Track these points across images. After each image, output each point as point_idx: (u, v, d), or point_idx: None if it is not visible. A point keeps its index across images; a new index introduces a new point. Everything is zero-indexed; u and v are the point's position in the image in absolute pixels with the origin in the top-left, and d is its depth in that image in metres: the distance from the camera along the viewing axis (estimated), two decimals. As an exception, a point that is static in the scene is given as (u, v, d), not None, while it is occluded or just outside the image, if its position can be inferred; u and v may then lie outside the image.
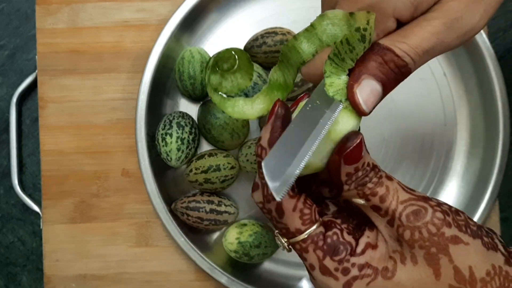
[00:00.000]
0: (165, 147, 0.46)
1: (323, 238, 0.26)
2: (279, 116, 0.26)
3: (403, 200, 0.25)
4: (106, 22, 0.51)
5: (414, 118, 0.51)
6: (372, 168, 0.26)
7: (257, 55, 0.48)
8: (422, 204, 0.25)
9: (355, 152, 0.25)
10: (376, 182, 0.25)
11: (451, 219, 0.25)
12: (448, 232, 0.24)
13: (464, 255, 0.24)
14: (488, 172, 0.48)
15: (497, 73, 0.48)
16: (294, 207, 0.26)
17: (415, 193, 0.26)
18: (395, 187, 0.26)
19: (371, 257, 0.25)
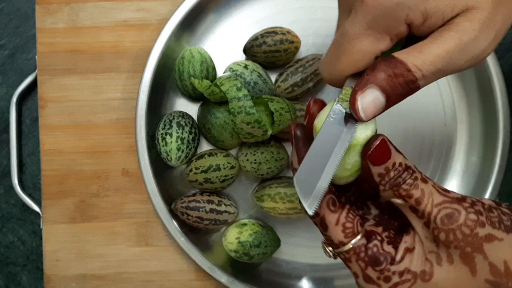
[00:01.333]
0: (165, 147, 0.46)
1: (365, 250, 0.27)
2: (299, 138, 0.28)
3: (437, 203, 0.26)
4: (106, 21, 0.51)
5: (414, 118, 0.51)
6: (405, 168, 0.27)
7: (257, 54, 0.48)
8: (456, 207, 0.25)
9: (379, 153, 0.26)
10: (411, 183, 0.26)
11: (485, 217, 0.25)
12: (482, 232, 0.25)
13: (498, 251, 0.25)
14: (488, 172, 0.48)
15: (497, 73, 0.48)
16: (337, 221, 0.27)
17: (449, 194, 0.26)
18: (429, 189, 0.26)
19: (410, 261, 0.26)
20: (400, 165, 0.27)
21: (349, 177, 0.28)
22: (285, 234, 0.50)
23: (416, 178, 0.26)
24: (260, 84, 0.47)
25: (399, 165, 0.27)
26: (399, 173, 0.26)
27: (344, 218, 0.27)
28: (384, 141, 0.27)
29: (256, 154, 0.47)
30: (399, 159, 0.27)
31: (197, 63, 0.47)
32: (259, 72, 0.47)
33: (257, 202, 0.48)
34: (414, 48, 0.26)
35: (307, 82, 0.48)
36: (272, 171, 0.48)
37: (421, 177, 0.27)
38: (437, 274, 0.26)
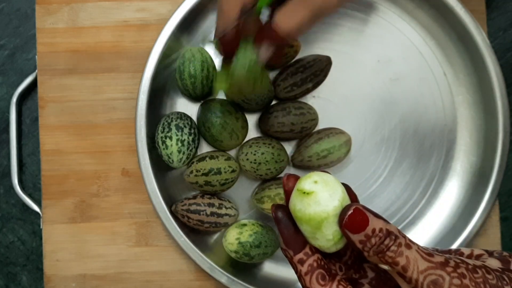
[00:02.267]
0: (166, 150, 0.46)
1: None
2: (280, 220, 0.29)
3: (422, 269, 0.26)
4: (106, 21, 0.51)
5: (414, 118, 0.51)
6: (387, 234, 0.27)
7: (257, 55, 0.48)
8: (440, 273, 0.26)
9: (355, 221, 0.26)
10: (395, 251, 0.26)
11: (468, 280, 0.26)
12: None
13: None
14: (488, 171, 0.48)
15: (497, 73, 0.48)
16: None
17: (433, 259, 0.27)
18: (414, 256, 0.26)
19: None
20: (381, 231, 0.27)
21: (337, 245, 0.28)
22: (285, 234, 0.50)
23: (400, 244, 0.26)
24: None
25: (380, 231, 0.27)
26: (381, 240, 0.26)
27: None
28: (358, 209, 0.27)
29: (256, 154, 0.47)
30: (379, 225, 0.27)
31: (197, 62, 0.47)
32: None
33: (258, 204, 0.48)
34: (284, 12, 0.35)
35: (307, 83, 0.48)
36: (272, 172, 0.48)
37: (405, 243, 0.27)
38: None
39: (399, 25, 0.51)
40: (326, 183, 0.28)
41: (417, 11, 0.51)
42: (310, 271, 0.28)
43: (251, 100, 0.47)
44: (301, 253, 0.28)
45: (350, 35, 0.51)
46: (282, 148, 0.48)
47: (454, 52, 0.50)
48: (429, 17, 0.51)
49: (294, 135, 0.49)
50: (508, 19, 0.53)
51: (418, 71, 0.51)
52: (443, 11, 0.49)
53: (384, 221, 0.27)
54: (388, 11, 0.51)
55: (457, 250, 0.31)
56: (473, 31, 0.48)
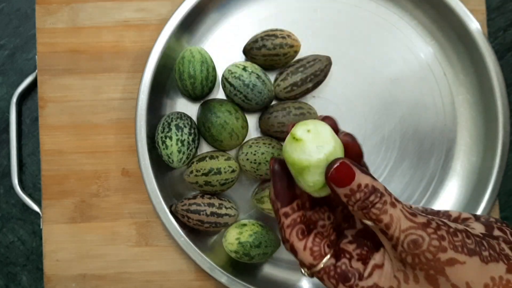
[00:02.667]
0: (166, 150, 0.46)
1: (334, 269, 0.30)
2: (275, 173, 0.30)
3: (404, 228, 0.27)
4: (106, 21, 0.51)
5: (414, 118, 0.51)
6: (373, 191, 0.27)
7: (256, 57, 0.48)
8: (420, 233, 0.27)
9: (340, 175, 0.27)
10: (380, 208, 0.27)
11: (447, 242, 0.26)
12: (444, 257, 0.26)
13: (460, 273, 0.26)
14: (488, 171, 0.48)
15: (497, 73, 0.48)
16: (304, 246, 0.30)
17: (416, 220, 0.27)
18: (397, 214, 0.27)
19: (379, 277, 0.28)
20: (367, 186, 0.27)
21: (319, 192, 0.29)
22: (285, 234, 0.50)
23: (385, 202, 0.27)
24: (259, 86, 0.47)
25: (365, 187, 0.27)
26: (366, 195, 0.27)
27: (311, 243, 0.30)
28: (344, 163, 0.28)
29: (256, 154, 0.47)
30: (365, 181, 0.27)
31: (197, 63, 0.47)
32: (258, 73, 0.47)
33: (257, 204, 0.48)
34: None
35: (307, 83, 0.48)
36: (272, 172, 0.48)
37: (390, 201, 0.27)
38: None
39: (399, 25, 0.51)
40: (318, 134, 0.28)
41: (417, 11, 0.51)
42: (291, 225, 0.30)
43: (251, 100, 0.47)
44: (288, 207, 0.30)
45: (350, 35, 0.51)
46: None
47: (454, 52, 0.51)
48: (429, 17, 0.51)
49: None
50: (508, 19, 0.53)
51: (418, 71, 0.51)
52: (443, 11, 0.49)
53: (372, 177, 0.28)
54: (388, 11, 0.51)
55: (446, 212, 0.31)
56: (473, 31, 0.48)
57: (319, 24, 0.51)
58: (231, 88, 0.47)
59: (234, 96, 0.47)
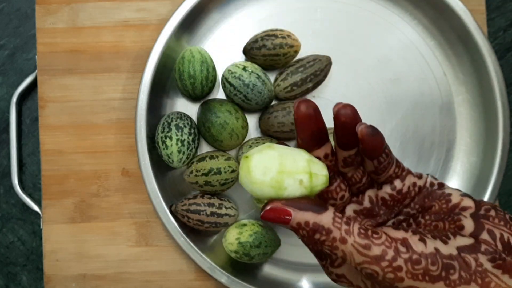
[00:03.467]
0: (166, 150, 0.46)
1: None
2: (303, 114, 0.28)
3: (358, 262, 0.26)
4: (106, 21, 0.51)
5: (414, 118, 0.51)
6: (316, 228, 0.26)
7: (256, 57, 0.48)
8: (374, 268, 0.26)
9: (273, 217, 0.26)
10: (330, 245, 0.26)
11: (404, 272, 0.26)
12: (402, 285, 0.26)
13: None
14: (488, 172, 0.48)
15: (497, 73, 0.48)
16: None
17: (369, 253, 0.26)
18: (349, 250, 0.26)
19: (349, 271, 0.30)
20: (307, 224, 0.26)
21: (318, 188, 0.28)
22: (285, 234, 0.50)
23: (335, 239, 0.26)
24: (259, 86, 0.47)
25: (306, 225, 0.26)
26: (310, 233, 0.26)
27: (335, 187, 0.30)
28: (273, 209, 0.26)
29: (256, 154, 0.47)
30: (304, 219, 0.26)
31: (197, 63, 0.47)
32: (258, 73, 0.47)
33: (257, 204, 0.48)
34: None
35: (307, 83, 0.48)
36: (272, 172, 0.47)
37: (340, 237, 0.26)
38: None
39: (399, 25, 0.51)
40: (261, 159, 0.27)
41: (417, 11, 0.51)
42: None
43: (251, 100, 0.47)
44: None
45: (350, 35, 0.51)
46: (282, 148, 0.48)
47: (454, 52, 0.51)
48: (429, 17, 0.51)
49: (294, 135, 0.49)
50: (508, 19, 0.53)
51: (418, 71, 0.51)
52: (443, 11, 0.49)
53: (314, 213, 0.26)
54: (388, 11, 0.51)
55: (448, 195, 0.30)
56: (473, 31, 0.48)
57: (319, 24, 0.51)
58: (231, 88, 0.47)
59: (234, 96, 0.47)
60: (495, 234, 0.27)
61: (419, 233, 0.27)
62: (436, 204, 0.29)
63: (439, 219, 0.28)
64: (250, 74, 0.47)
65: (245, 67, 0.47)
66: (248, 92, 0.47)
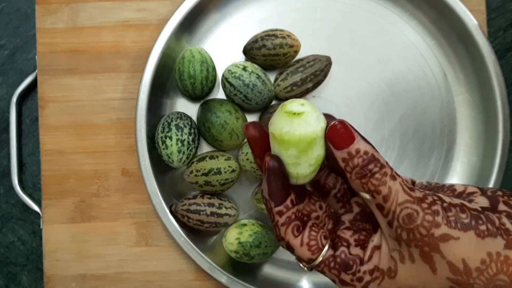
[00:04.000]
0: (166, 150, 0.46)
1: (334, 259, 0.29)
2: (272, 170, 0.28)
3: (400, 202, 0.26)
4: (106, 21, 0.51)
5: (414, 118, 0.51)
6: (372, 159, 0.27)
7: (256, 57, 0.48)
8: (415, 208, 0.26)
9: (339, 134, 0.26)
10: (379, 179, 0.26)
11: (441, 217, 0.26)
12: (437, 232, 0.26)
13: (455, 249, 0.26)
14: (488, 171, 0.48)
15: (497, 73, 0.48)
16: (301, 242, 0.29)
17: (413, 194, 0.27)
18: (396, 187, 0.27)
19: (378, 258, 0.28)
20: (366, 153, 0.26)
21: (312, 174, 0.28)
22: (285, 234, 0.50)
23: (386, 173, 0.27)
24: (259, 86, 0.47)
25: (365, 153, 0.26)
26: (365, 162, 0.26)
27: (307, 238, 0.29)
28: (343, 123, 0.27)
29: (256, 154, 0.47)
30: (365, 148, 0.27)
31: (197, 63, 0.47)
32: (258, 73, 0.47)
33: (258, 204, 0.48)
34: None
35: (307, 83, 0.48)
36: (272, 172, 0.47)
37: (391, 174, 0.27)
38: (401, 272, 0.27)
39: (399, 25, 0.51)
40: (312, 105, 0.28)
41: (417, 11, 0.51)
42: (286, 223, 0.29)
43: (251, 100, 0.47)
44: (282, 205, 0.28)
45: (350, 35, 0.51)
46: (282, 148, 0.48)
47: (454, 52, 0.51)
48: (429, 17, 0.51)
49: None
50: (508, 19, 0.53)
51: (418, 71, 0.51)
52: (443, 11, 0.49)
53: (373, 147, 0.27)
54: (388, 11, 0.51)
55: (451, 186, 0.31)
56: (473, 31, 0.48)
57: (319, 24, 0.51)
58: (231, 88, 0.47)
59: (234, 96, 0.47)
60: (511, 204, 0.28)
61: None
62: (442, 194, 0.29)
63: None
64: (250, 74, 0.47)
65: (245, 67, 0.47)
66: (248, 92, 0.47)
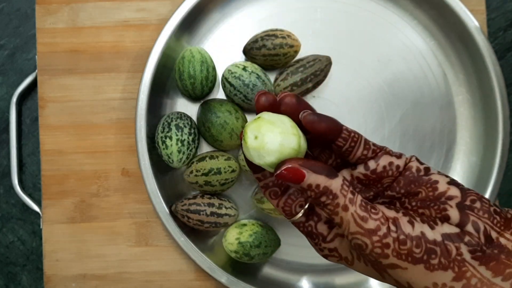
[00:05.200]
0: (166, 150, 0.46)
1: (303, 226, 0.32)
2: None
3: (351, 232, 0.28)
4: (106, 22, 0.51)
5: (414, 118, 0.51)
6: (324, 191, 0.28)
7: (256, 57, 0.48)
8: (365, 240, 0.27)
9: (286, 177, 0.28)
10: (332, 210, 0.28)
11: (391, 250, 0.27)
12: (385, 261, 0.27)
13: (401, 275, 0.28)
14: (488, 172, 0.48)
15: (497, 73, 0.48)
16: (277, 205, 0.32)
17: (364, 225, 0.28)
18: (347, 218, 0.28)
19: (340, 244, 0.31)
20: (318, 187, 0.28)
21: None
22: (285, 234, 0.50)
23: (338, 205, 0.28)
24: (259, 86, 0.47)
25: (316, 187, 0.28)
26: (317, 195, 0.28)
27: (282, 204, 0.32)
28: (292, 169, 0.28)
29: (256, 154, 0.47)
30: (317, 181, 0.28)
31: (197, 63, 0.47)
32: (258, 73, 0.47)
33: (258, 204, 0.48)
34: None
35: (307, 83, 0.48)
36: (272, 172, 0.48)
37: (343, 204, 0.28)
38: (356, 265, 0.30)
39: (399, 25, 0.51)
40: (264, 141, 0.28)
41: (417, 11, 0.51)
42: (264, 187, 0.32)
43: (251, 100, 0.47)
44: (260, 173, 0.32)
45: (350, 35, 0.51)
46: (282, 148, 0.48)
47: (454, 52, 0.51)
48: (429, 17, 0.51)
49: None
50: (508, 19, 0.53)
51: (418, 71, 0.51)
52: (443, 11, 0.49)
53: (326, 177, 0.28)
54: (388, 11, 0.51)
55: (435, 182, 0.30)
56: (473, 31, 0.48)
57: (319, 24, 0.51)
58: (231, 88, 0.47)
59: (234, 96, 0.48)
60: (479, 226, 0.28)
61: (409, 215, 0.28)
62: (423, 191, 0.29)
63: (425, 206, 0.29)
64: (250, 74, 0.47)
65: (245, 67, 0.47)
66: (248, 92, 0.47)
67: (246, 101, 0.47)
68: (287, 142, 0.28)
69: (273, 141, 0.28)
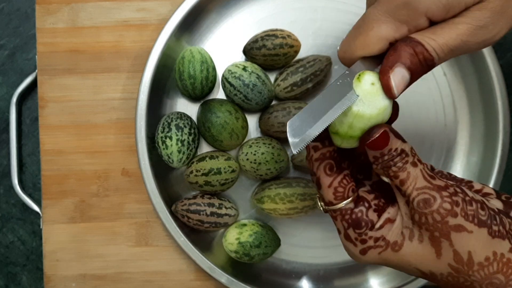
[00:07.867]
0: (166, 150, 0.46)
1: (350, 213, 0.30)
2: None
3: (418, 187, 0.28)
4: (106, 21, 0.51)
5: (414, 118, 0.51)
6: (400, 153, 0.29)
7: (256, 57, 0.48)
8: (434, 194, 0.28)
9: (377, 143, 0.28)
10: (400, 166, 0.28)
11: (460, 209, 0.27)
12: (452, 221, 0.27)
13: (465, 241, 0.27)
14: (488, 172, 0.48)
15: (497, 73, 0.48)
16: (330, 184, 0.30)
17: (433, 181, 0.28)
18: (415, 173, 0.28)
19: (388, 230, 0.29)
20: (396, 150, 0.29)
21: (355, 143, 0.30)
22: (285, 234, 0.50)
23: (407, 161, 0.29)
24: (259, 86, 0.47)
25: (395, 150, 0.29)
26: (392, 157, 0.29)
27: (337, 183, 0.30)
28: (385, 133, 0.29)
29: (256, 154, 0.47)
30: (396, 145, 0.29)
31: (197, 63, 0.47)
32: (258, 73, 0.47)
33: (258, 204, 0.48)
34: (429, 30, 0.28)
35: (307, 83, 0.48)
36: (271, 172, 0.48)
37: (412, 161, 0.29)
38: (405, 248, 0.29)
39: (399, 25, 0.51)
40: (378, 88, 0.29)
41: (417, 11, 0.51)
42: (320, 159, 0.30)
43: (251, 100, 0.47)
44: (318, 142, 0.30)
45: (350, 35, 0.51)
46: (282, 148, 0.48)
47: (454, 52, 0.51)
48: (429, 17, 0.51)
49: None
50: (508, 19, 0.53)
51: (418, 71, 0.51)
52: (443, 11, 0.49)
53: (402, 140, 0.29)
54: (388, 11, 0.51)
55: (469, 182, 0.33)
56: (473, 31, 0.48)
57: (319, 24, 0.51)
58: (231, 88, 0.47)
59: (234, 96, 0.48)
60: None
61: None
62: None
63: None
64: (250, 74, 0.47)
65: (245, 67, 0.47)
66: (248, 92, 0.47)
67: (246, 101, 0.47)
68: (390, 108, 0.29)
69: (384, 99, 0.29)
